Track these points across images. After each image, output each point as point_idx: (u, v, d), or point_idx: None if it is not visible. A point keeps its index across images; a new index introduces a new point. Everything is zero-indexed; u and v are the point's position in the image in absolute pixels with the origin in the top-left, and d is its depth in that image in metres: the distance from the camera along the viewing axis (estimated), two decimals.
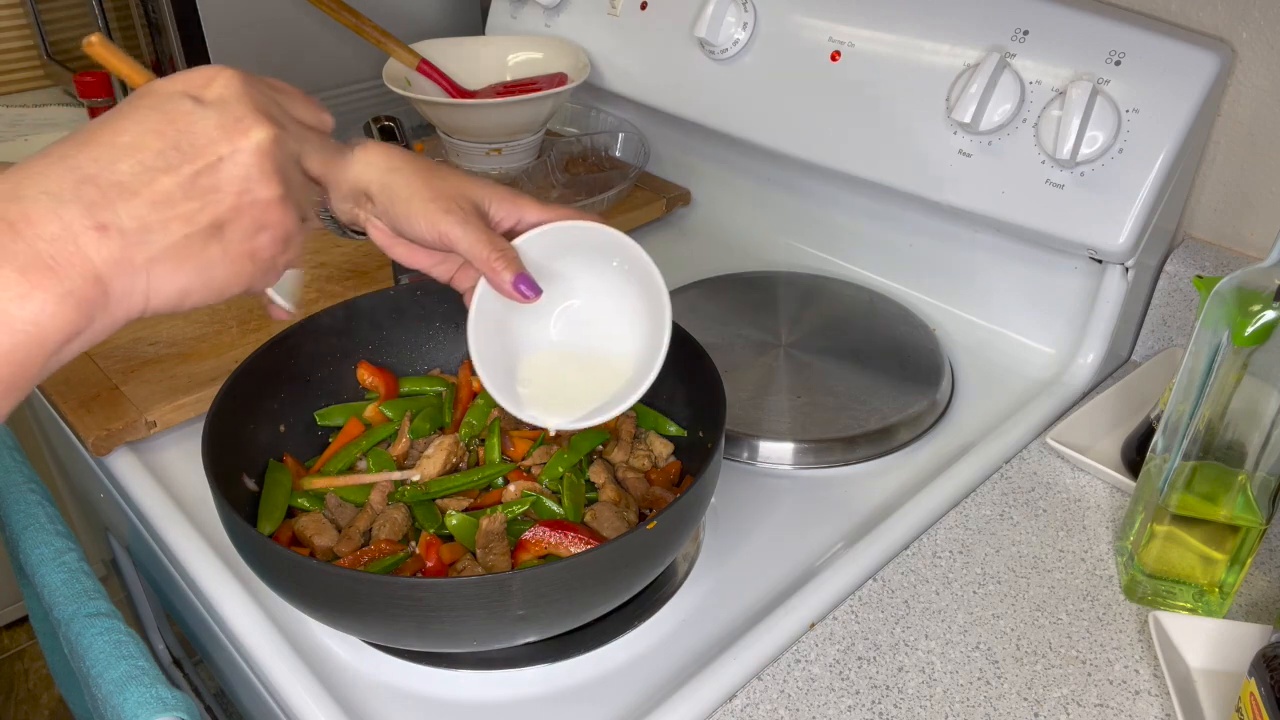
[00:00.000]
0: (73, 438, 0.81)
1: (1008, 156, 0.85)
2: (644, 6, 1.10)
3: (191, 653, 1.19)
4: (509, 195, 0.60)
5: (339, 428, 0.75)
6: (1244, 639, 0.63)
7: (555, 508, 0.67)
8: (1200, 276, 0.77)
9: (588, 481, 0.70)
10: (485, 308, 0.62)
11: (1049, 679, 0.63)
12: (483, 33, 1.29)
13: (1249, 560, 0.65)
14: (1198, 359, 0.61)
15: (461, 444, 0.72)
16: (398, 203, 0.56)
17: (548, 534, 0.63)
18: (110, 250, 0.37)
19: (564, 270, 0.63)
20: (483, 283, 0.61)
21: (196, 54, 1.13)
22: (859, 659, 0.64)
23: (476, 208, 0.58)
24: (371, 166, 0.56)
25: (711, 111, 1.05)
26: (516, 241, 0.60)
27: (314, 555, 0.65)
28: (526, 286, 0.58)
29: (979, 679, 0.63)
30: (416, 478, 0.68)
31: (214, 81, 0.41)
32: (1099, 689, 0.62)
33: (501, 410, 0.75)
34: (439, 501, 0.68)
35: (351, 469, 0.72)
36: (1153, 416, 0.78)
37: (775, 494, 0.78)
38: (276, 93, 0.45)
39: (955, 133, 0.87)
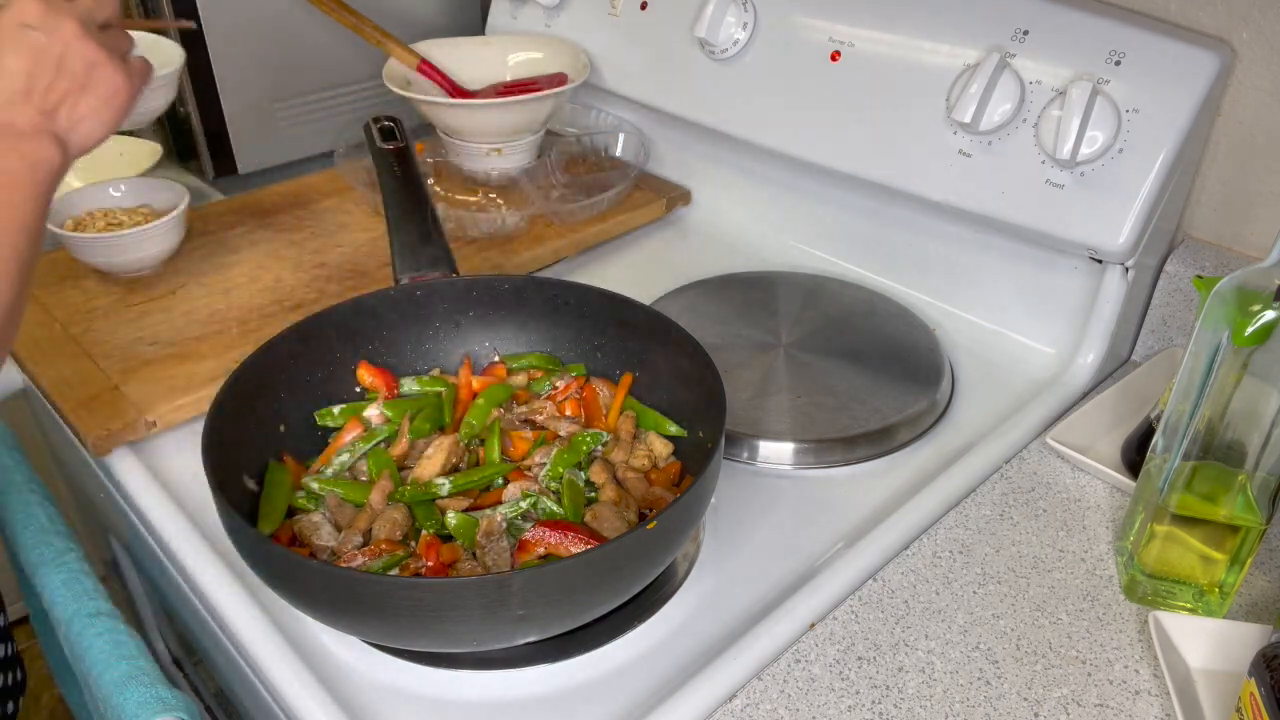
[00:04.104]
0: (73, 438, 0.81)
1: (1008, 156, 0.85)
2: (644, 6, 1.10)
3: (191, 653, 1.19)
4: None
5: (339, 428, 0.75)
6: (1244, 639, 0.63)
7: (555, 508, 0.67)
8: (1200, 276, 0.77)
9: (588, 481, 0.70)
10: None
11: (1049, 679, 0.63)
12: (483, 33, 1.29)
13: (1249, 560, 0.65)
14: (1198, 359, 0.61)
15: (461, 444, 0.72)
16: None
17: (548, 534, 0.63)
18: (40, 122, 0.61)
19: None
20: None
21: (196, 54, 1.13)
22: (859, 659, 0.64)
23: None
24: None
25: (711, 111, 1.05)
26: None
27: (314, 555, 0.65)
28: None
29: (979, 679, 0.63)
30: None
31: (25, 11, 0.61)
32: (1099, 689, 0.62)
33: (501, 410, 0.75)
34: (439, 501, 0.68)
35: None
36: (1153, 416, 0.78)
37: (775, 494, 0.78)
38: None
39: (955, 133, 0.87)
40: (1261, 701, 0.54)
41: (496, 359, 0.82)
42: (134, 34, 0.83)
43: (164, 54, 1.01)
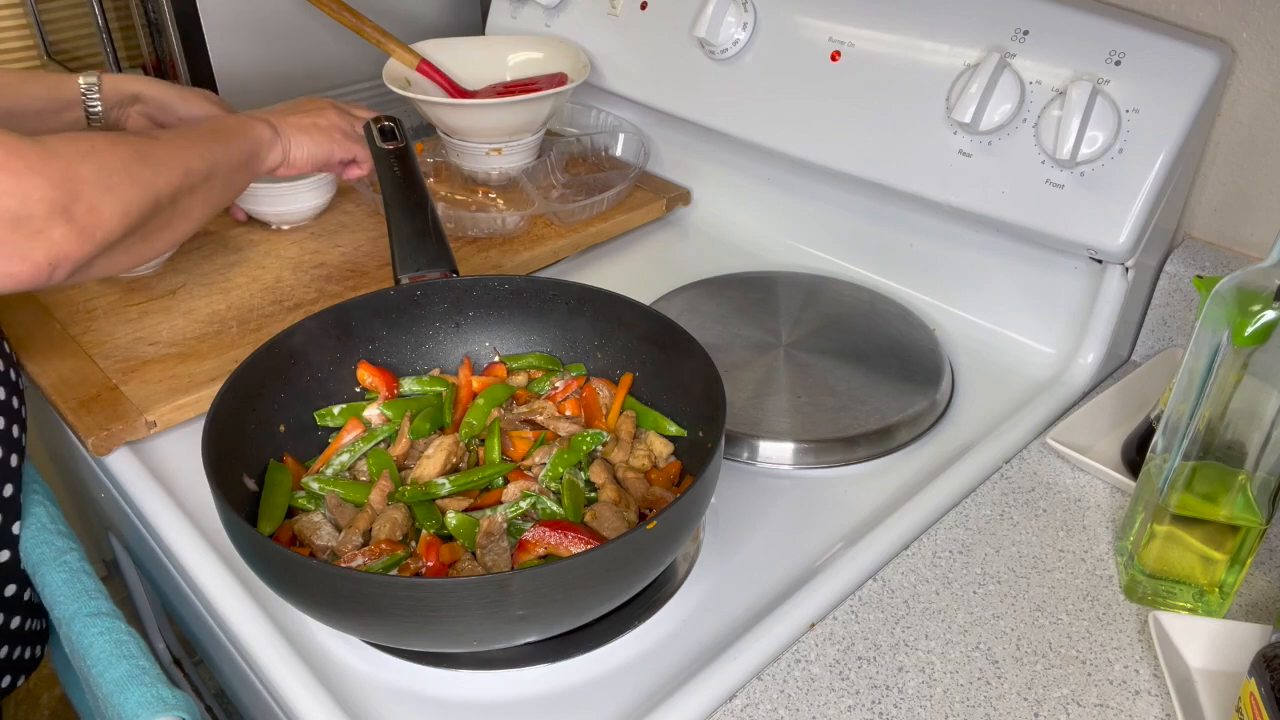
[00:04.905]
0: (73, 438, 0.81)
1: (1008, 156, 0.85)
2: (644, 6, 1.10)
3: (191, 653, 1.19)
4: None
5: (339, 428, 0.75)
6: (1244, 639, 0.63)
7: (555, 508, 0.67)
8: (1200, 276, 0.77)
9: (588, 481, 0.70)
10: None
11: (1049, 679, 0.63)
12: (483, 33, 1.29)
13: (1249, 560, 0.65)
14: (1198, 359, 0.61)
15: (461, 444, 0.72)
16: None
17: (548, 534, 0.63)
18: (269, 119, 0.87)
19: None
20: None
21: (196, 54, 1.13)
22: (859, 659, 0.64)
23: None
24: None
25: (711, 111, 1.05)
26: None
27: (314, 555, 0.65)
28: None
29: (979, 679, 0.63)
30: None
31: (318, 99, 0.96)
32: (1099, 689, 0.62)
33: (501, 410, 0.75)
34: (439, 501, 0.68)
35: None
36: (1153, 416, 0.78)
37: (775, 494, 0.78)
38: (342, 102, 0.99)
39: (955, 133, 0.87)
40: (1261, 701, 0.54)
41: (496, 359, 0.82)
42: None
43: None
